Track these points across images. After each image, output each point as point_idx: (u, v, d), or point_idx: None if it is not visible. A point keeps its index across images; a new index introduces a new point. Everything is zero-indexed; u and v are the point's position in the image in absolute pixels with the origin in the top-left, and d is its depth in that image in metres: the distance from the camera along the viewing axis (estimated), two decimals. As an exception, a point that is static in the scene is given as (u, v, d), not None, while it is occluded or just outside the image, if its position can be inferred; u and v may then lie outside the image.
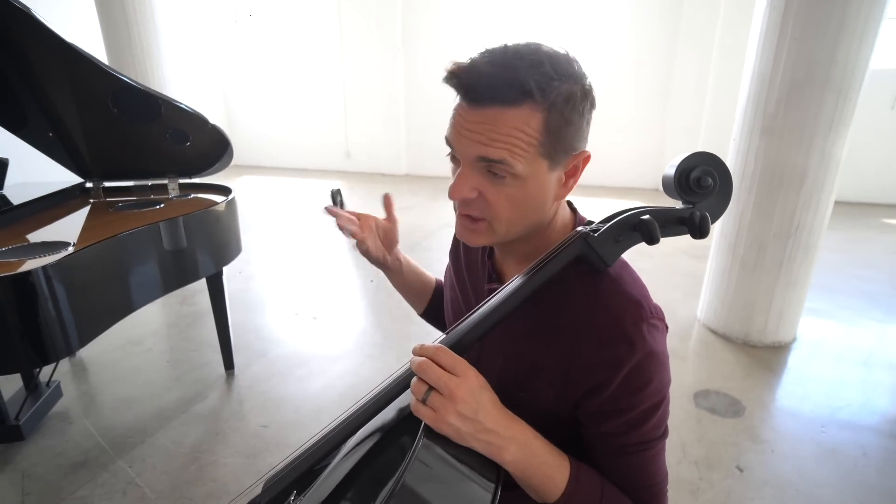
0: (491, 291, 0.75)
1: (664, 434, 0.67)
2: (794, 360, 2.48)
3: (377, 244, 0.95)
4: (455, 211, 0.70)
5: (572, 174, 0.66)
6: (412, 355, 0.59)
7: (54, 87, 1.89)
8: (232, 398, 2.20)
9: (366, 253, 0.95)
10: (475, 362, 0.60)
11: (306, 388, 2.27)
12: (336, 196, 0.95)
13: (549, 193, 0.65)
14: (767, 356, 2.50)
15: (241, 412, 2.10)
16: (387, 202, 0.98)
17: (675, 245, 3.89)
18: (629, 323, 0.63)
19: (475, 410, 0.55)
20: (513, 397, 0.70)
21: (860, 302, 3.05)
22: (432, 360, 0.56)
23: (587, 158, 0.66)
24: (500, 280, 0.78)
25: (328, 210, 0.94)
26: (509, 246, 0.74)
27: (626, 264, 0.69)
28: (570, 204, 0.77)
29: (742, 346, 2.58)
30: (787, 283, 2.47)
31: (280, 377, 2.33)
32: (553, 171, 0.64)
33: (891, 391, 2.24)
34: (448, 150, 0.67)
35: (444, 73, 0.61)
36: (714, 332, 2.69)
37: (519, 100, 0.58)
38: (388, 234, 0.97)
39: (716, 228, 2.69)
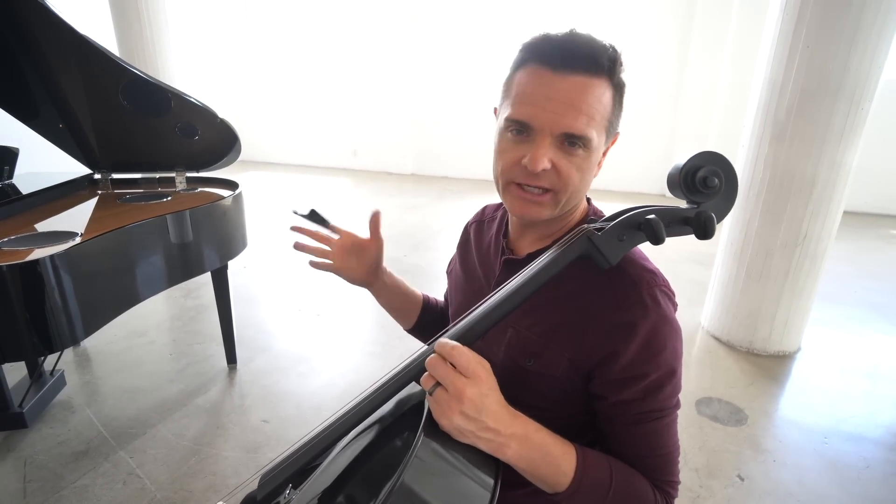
0: (507, 262, 0.78)
1: (677, 405, 0.68)
2: (798, 370, 2.46)
3: (352, 266, 0.88)
4: (503, 186, 0.69)
5: (604, 154, 0.71)
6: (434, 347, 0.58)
7: (66, 78, 1.90)
8: (234, 392, 2.20)
9: (339, 274, 0.89)
10: (484, 338, 0.61)
11: (308, 385, 2.27)
12: (314, 216, 0.85)
13: (597, 169, 0.70)
14: (771, 365, 2.48)
15: (243, 406, 2.11)
16: (373, 221, 0.88)
17: (680, 251, 3.87)
18: (644, 287, 0.65)
19: (478, 411, 0.55)
20: (521, 367, 0.71)
21: (866, 313, 3.02)
22: (447, 359, 0.56)
23: (616, 138, 0.71)
24: (513, 254, 0.79)
25: (294, 228, 0.87)
26: (534, 224, 0.75)
27: (637, 248, 0.70)
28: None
29: (746, 354, 2.56)
30: (792, 293, 2.45)
31: (282, 373, 2.34)
32: (603, 146, 0.69)
33: (892, 403, 2.22)
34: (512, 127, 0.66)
35: (529, 40, 0.64)
36: (718, 339, 2.68)
37: (600, 72, 0.63)
38: (367, 253, 0.89)
39: (722, 236, 2.67)
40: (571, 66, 0.61)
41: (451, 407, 0.54)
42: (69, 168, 2.27)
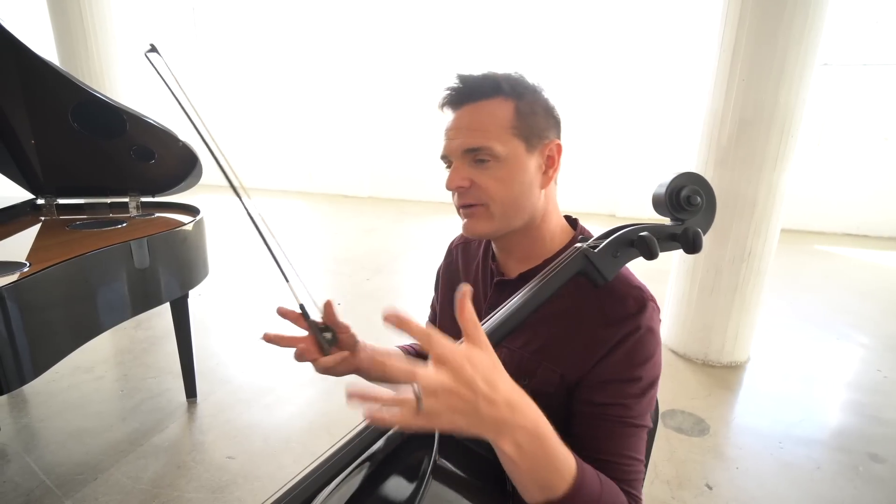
0: (499, 284, 0.80)
1: (649, 423, 0.70)
2: (749, 378, 2.62)
3: (337, 361, 0.80)
4: (458, 212, 0.76)
5: (550, 164, 0.74)
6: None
7: (6, 95, 1.78)
8: (195, 428, 2.07)
9: (328, 372, 0.80)
10: None
11: (274, 416, 2.17)
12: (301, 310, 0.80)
13: (532, 177, 0.73)
14: (725, 375, 2.62)
15: (205, 443, 1.98)
16: (327, 310, 0.81)
17: (635, 268, 4.05)
18: (632, 301, 0.69)
19: (474, 404, 0.49)
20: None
21: (801, 322, 3.27)
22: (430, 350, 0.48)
23: (559, 147, 0.74)
24: (504, 276, 0.81)
25: (280, 312, 0.80)
26: (508, 243, 0.78)
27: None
28: (568, 217, 0.82)
29: (702, 365, 2.70)
30: (741, 306, 2.62)
31: (246, 405, 2.23)
32: (530, 154, 0.72)
33: (833, 406, 2.40)
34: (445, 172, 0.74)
35: (440, 101, 0.73)
36: (675, 352, 2.81)
37: (492, 93, 0.71)
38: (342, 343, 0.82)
39: (676, 254, 2.83)
40: (465, 100, 0.72)
41: (442, 413, 0.47)
42: (8, 193, 2.10)
